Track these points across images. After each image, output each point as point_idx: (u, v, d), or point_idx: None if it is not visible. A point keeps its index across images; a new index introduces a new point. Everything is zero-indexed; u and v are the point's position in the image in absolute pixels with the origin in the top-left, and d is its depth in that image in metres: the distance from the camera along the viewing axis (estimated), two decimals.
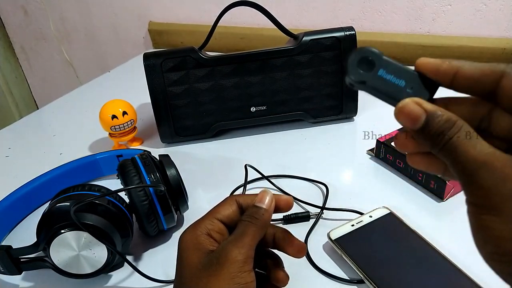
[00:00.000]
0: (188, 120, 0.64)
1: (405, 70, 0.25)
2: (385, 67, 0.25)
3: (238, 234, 0.30)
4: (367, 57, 0.25)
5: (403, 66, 0.25)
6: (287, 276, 0.33)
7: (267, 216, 0.32)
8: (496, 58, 0.80)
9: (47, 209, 0.41)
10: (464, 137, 0.22)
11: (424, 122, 0.23)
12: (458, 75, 0.24)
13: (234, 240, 0.29)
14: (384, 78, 0.25)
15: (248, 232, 0.30)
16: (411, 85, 0.25)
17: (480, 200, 0.22)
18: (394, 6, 0.87)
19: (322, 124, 0.68)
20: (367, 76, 0.25)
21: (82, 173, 0.56)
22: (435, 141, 0.23)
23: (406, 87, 0.25)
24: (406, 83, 0.25)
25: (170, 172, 0.44)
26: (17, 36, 1.34)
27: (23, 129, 0.79)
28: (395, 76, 0.25)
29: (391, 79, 0.25)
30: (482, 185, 0.21)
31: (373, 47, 0.26)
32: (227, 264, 0.28)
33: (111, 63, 1.24)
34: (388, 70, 0.25)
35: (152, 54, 0.61)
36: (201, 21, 1.05)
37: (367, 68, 0.25)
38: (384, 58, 0.25)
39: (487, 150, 0.21)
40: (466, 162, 0.22)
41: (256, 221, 0.31)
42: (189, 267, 0.29)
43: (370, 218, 0.45)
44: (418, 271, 0.38)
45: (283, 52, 0.62)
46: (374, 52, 0.25)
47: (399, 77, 0.25)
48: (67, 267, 0.39)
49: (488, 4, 0.80)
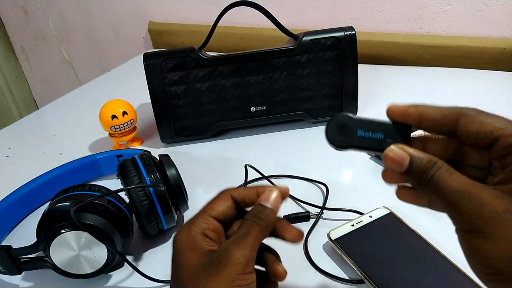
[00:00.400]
0: (188, 120, 0.64)
1: (379, 123, 0.28)
2: (362, 126, 0.28)
3: (242, 235, 0.29)
4: (343, 123, 0.28)
5: (377, 120, 0.28)
6: (285, 271, 0.33)
7: (273, 216, 0.31)
8: (496, 58, 0.80)
9: (47, 209, 0.41)
10: (445, 173, 0.25)
11: (409, 164, 0.26)
12: (423, 118, 0.28)
13: (237, 241, 0.29)
14: (364, 136, 0.28)
15: (252, 232, 0.29)
16: (389, 135, 0.28)
17: (466, 225, 0.24)
18: (394, 6, 0.87)
19: (322, 124, 0.68)
20: (348, 140, 0.28)
21: (82, 173, 0.56)
22: (420, 179, 0.26)
23: (385, 138, 0.28)
24: (385, 135, 0.28)
25: (170, 172, 0.44)
26: (17, 36, 1.34)
27: (23, 129, 0.78)
28: (372, 131, 0.28)
29: (371, 135, 0.28)
30: (465, 211, 0.24)
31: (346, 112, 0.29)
32: (228, 265, 0.27)
33: (111, 63, 1.24)
34: (365, 128, 0.28)
35: (152, 54, 0.61)
36: (201, 21, 1.05)
37: (347, 133, 0.28)
38: (358, 119, 0.28)
39: (465, 181, 0.25)
40: (449, 194, 0.25)
41: (260, 221, 0.30)
42: (186, 268, 0.28)
43: (370, 218, 0.45)
44: (418, 271, 0.38)
45: (283, 52, 0.62)
46: (348, 117, 0.28)
47: (377, 131, 0.28)
48: (67, 267, 0.39)
49: (488, 4, 0.80)
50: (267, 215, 0.30)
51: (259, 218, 0.30)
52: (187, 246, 0.29)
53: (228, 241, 0.29)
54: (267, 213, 0.30)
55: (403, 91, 0.77)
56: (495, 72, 0.80)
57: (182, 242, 0.30)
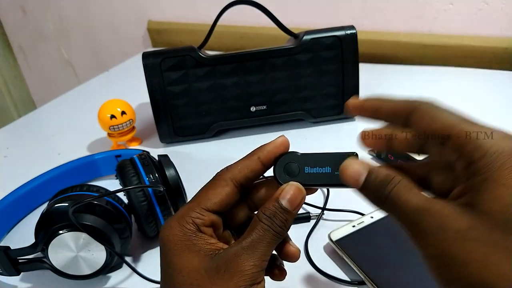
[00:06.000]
0: (188, 119, 0.64)
1: (325, 156, 0.27)
2: (307, 163, 0.27)
3: (255, 240, 0.25)
4: (289, 162, 0.27)
5: (321, 154, 0.27)
6: (298, 249, 0.29)
7: (291, 220, 0.26)
8: (498, 57, 0.80)
9: (46, 210, 0.40)
10: (403, 188, 0.23)
11: (365, 180, 0.24)
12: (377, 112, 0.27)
13: (249, 248, 0.25)
14: (312, 172, 0.27)
15: (267, 239, 0.25)
16: (337, 167, 0.26)
17: (432, 250, 0.22)
18: (395, 5, 0.87)
19: (323, 124, 0.67)
20: (297, 178, 0.27)
21: (80, 174, 0.56)
22: (377, 195, 0.24)
23: (333, 171, 0.27)
24: (331, 167, 0.27)
25: (169, 173, 0.44)
26: (15, 35, 1.33)
27: (22, 129, 0.78)
28: (319, 166, 0.27)
29: (318, 170, 0.27)
30: (427, 232, 0.22)
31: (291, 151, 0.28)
32: (238, 275, 0.24)
33: (110, 62, 1.23)
34: (311, 164, 0.27)
35: (151, 53, 0.61)
36: (200, 20, 1.05)
37: (294, 172, 0.27)
38: (303, 156, 0.27)
39: (426, 198, 0.23)
40: (409, 212, 0.22)
41: (277, 228, 0.25)
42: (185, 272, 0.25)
43: (372, 219, 0.44)
44: (420, 272, 0.38)
45: (284, 51, 0.62)
46: (292, 156, 0.28)
47: (323, 166, 0.27)
48: (66, 268, 0.39)
49: (489, 3, 0.80)
50: (285, 221, 0.26)
51: (275, 225, 0.25)
52: (183, 246, 0.25)
53: (239, 246, 0.25)
54: (285, 218, 0.26)
55: (404, 90, 0.77)
56: (497, 71, 0.79)
57: (175, 240, 0.25)
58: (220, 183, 0.27)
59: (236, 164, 0.28)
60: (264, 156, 0.28)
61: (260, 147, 0.28)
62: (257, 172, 0.28)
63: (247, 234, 0.25)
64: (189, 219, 0.26)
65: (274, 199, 0.26)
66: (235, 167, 0.28)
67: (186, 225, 0.26)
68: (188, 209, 0.26)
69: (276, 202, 0.26)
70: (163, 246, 0.26)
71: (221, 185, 0.27)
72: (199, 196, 0.27)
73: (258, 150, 0.28)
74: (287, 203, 0.26)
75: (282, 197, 0.26)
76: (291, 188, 0.26)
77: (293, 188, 0.26)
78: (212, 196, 0.27)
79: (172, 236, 0.26)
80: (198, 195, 0.27)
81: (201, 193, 0.27)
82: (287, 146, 0.28)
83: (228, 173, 0.28)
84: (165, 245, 0.26)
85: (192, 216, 0.26)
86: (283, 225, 0.26)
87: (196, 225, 0.26)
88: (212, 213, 0.27)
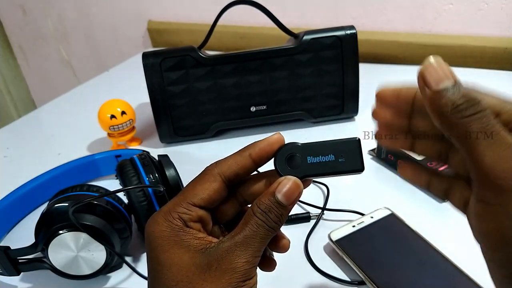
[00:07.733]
0: (188, 119, 0.64)
1: (325, 145, 0.27)
2: (309, 153, 0.26)
3: (248, 236, 0.24)
4: (291, 154, 0.27)
5: (322, 142, 0.27)
6: (288, 240, 0.28)
7: (286, 215, 0.25)
8: (498, 57, 0.80)
9: (46, 210, 0.40)
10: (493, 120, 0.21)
11: (448, 87, 0.22)
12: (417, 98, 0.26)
13: (242, 245, 0.24)
14: (315, 162, 0.26)
15: (260, 234, 0.24)
16: (340, 154, 0.26)
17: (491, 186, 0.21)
18: (395, 5, 0.87)
19: (323, 124, 0.67)
20: (300, 170, 0.26)
21: (80, 174, 0.56)
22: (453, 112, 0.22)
23: (338, 158, 0.26)
24: (335, 155, 0.26)
25: (169, 173, 0.44)
26: (15, 35, 1.33)
27: (22, 129, 0.78)
28: (322, 155, 0.26)
29: (321, 159, 0.26)
30: None
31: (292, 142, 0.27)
32: (230, 272, 0.23)
33: (110, 62, 1.23)
34: (314, 153, 0.26)
35: (151, 53, 0.61)
36: (200, 20, 1.05)
37: (297, 163, 0.26)
38: (304, 146, 0.27)
39: None
40: None
41: (271, 224, 0.24)
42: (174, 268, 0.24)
43: (371, 219, 0.44)
44: (420, 272, 0.38)
45: (284, 51, 0.62)
46: (293, 147, 0.27)
47: (326, 154, 0.26)
48: (66, 268, 0.39)
49: (489, 3, 0.80)
50: (280, 216, 0.25)
51: (270, 220, 0.24)
52: (171, 242, 0.24)
53: (231, 242, 0.24)
54: (280, 213, 0.25)
55: None
56: (497, 71, 0.79)
57: (163, 236, 0.24)
58: (208, 178, 0.26)
59: (226, 160, 0.27)
60: (255, 154, 0.26)
61: (253, 144, 0.27)
62: (247, 169, 0.27)
63: (240, 228, 0.25)
64: (175, 215, 0.25)
65: (270, 193, 0.25)
66: (224, 163, 0.27)
67: (173, 221, 0.25)
68: (175, 204, 0.25)
69: (272, 196, 0.25)
70: (150, 242, 0.25)
71: (209, 180, 0.26)
72: (186, 190, 0.26)
73: (250, 147, 0.27)
74: (283, 197, 0.25)
75: (278, 190, 0.25)
76: (288, 182, 0.25)
77: (290, 182, 0.25)
78: (200, 191, 0.26)
79: (158, 232, 0.25)
80: (185, 189, 0.26)
81: (189, 188, 0.26)
82: (282, 144, 0.27)
83: (216, 168, 0.27)
84: (152, 241, 0.25)
85: (178, 211, 0.25)
86: (278, 220, 0.25)
87: (183, 220, 0.25)
88: (199, 209, 0.26)
